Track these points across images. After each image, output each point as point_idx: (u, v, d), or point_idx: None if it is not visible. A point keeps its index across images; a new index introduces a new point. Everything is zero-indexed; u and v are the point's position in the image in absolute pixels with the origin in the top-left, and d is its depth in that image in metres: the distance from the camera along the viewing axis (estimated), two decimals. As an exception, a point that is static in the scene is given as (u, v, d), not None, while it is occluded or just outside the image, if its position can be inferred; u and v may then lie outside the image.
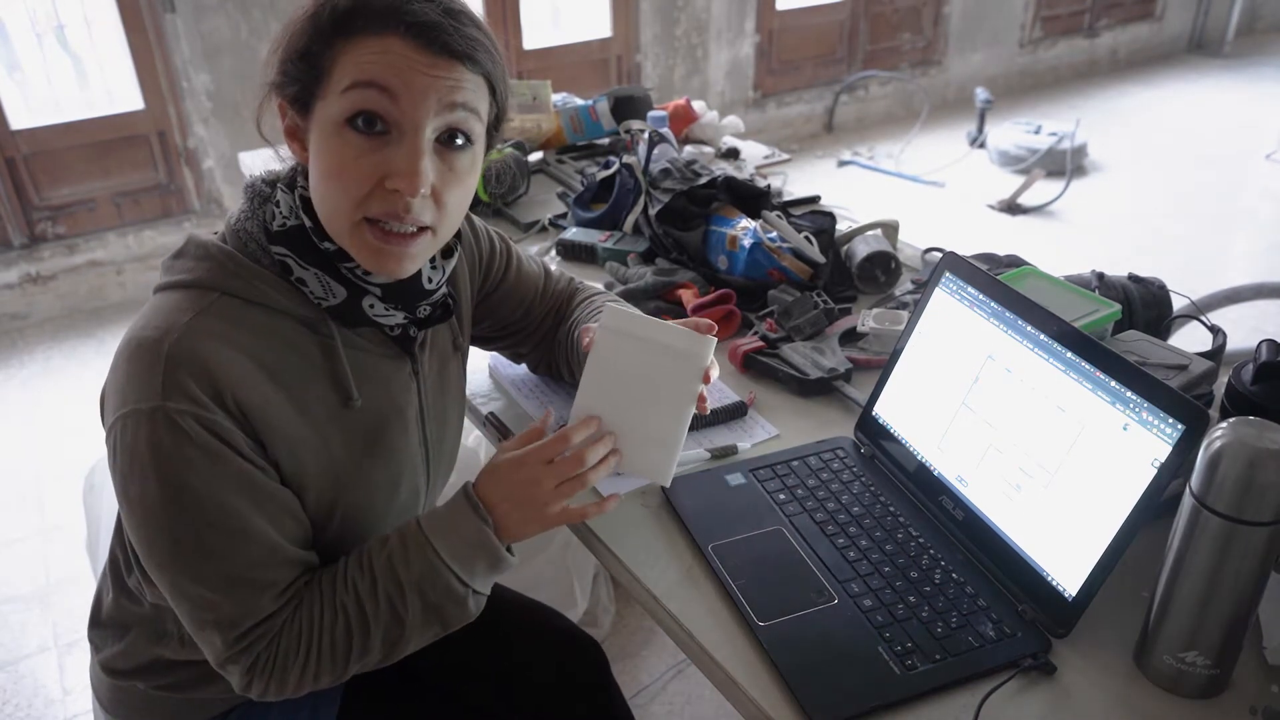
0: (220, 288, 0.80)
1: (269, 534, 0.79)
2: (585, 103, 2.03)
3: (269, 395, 0.80)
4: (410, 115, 0.76)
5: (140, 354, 0.76)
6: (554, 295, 1.15)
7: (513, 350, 1.18)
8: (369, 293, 0.85)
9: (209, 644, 0.80)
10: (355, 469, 0.88)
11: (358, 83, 0.75)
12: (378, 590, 0.82)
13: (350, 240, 0.80)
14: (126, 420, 0.75)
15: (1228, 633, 0.77)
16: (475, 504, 0.84)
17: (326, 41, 0.76)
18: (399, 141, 0.77)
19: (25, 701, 1.87)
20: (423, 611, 0.83)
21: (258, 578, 0.79)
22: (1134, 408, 0.81)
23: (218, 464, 0.76)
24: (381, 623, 0.82)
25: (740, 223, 1.44)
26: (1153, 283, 1.39)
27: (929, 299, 1.04)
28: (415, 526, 0.84)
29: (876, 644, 0.83)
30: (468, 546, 0.83)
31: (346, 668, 0.83)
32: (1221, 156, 4.62)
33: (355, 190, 0.77)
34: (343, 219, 0.79)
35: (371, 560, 0.83)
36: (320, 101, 0.78)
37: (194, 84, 3.31)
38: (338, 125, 0.76)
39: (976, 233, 3.84)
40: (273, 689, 0.82)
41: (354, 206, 0.78)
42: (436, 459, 0.99)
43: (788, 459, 1.07)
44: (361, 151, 0.76)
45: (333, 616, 0.82)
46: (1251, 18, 6.57)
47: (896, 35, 5.13)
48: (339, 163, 0.77)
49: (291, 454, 0.81)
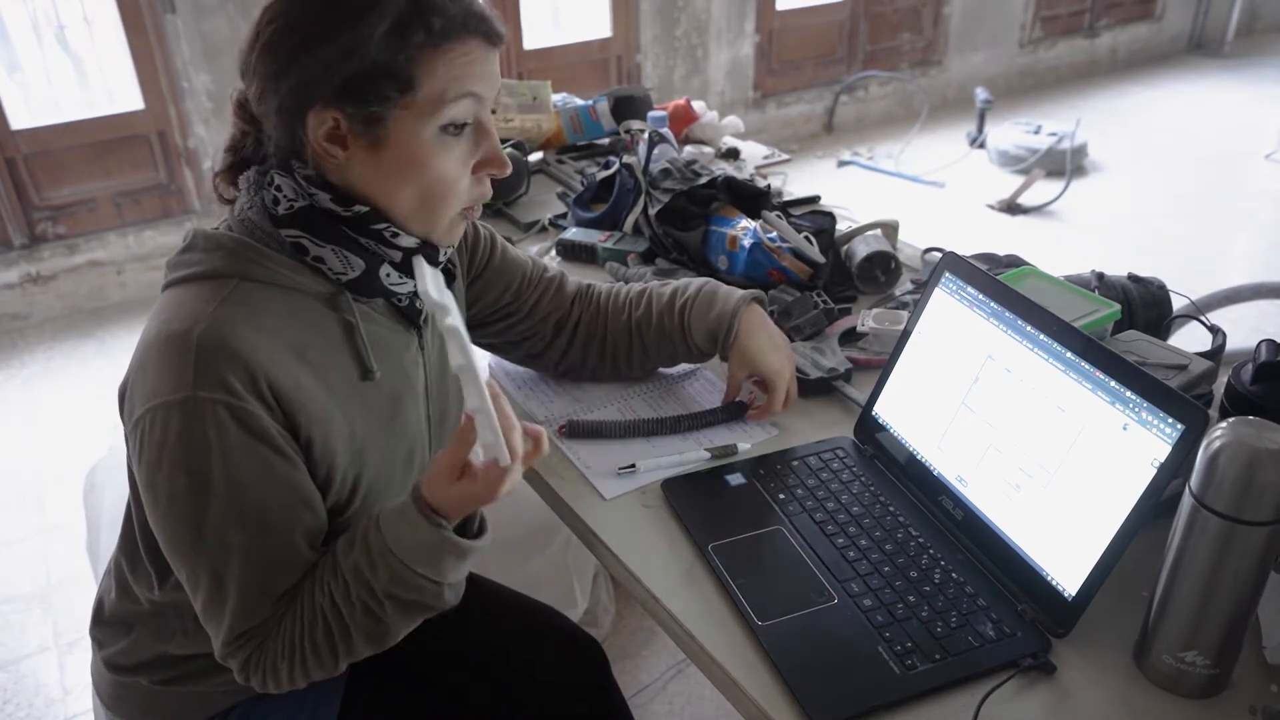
0: (238, 274, 0.81)
1: (287, 532, 0.80)
2: (585, 103, 2.03)
3: (299, 376, 0.81)
4: (488, 109, 0.85)
5: (170, 346, 0.76)
6: (545, 282, 1.17)
7: (512, 342, 1.18)
8: (386, 260, 0.87)
9: (213, 634, 0.82)
10: (376, 443, 0.89)
11: (462, 94, 0.81)
12: (351, 595, 0.81)
13: (447, 229, 0.88)
14: (156, 412, 0.76)
15: (1227, 632, 0.77)
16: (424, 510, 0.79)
17: (415, 54, 0.78)
18: (477, 132, 0.84)
19: (26, 701, 1.87)
20: (399, 610, 0.82)
21: (268, 576, 0.80)
22: (1133, 408, 0.81)
23: (246, 456, 0.77)
24: (360, 624, 0.82)
25: (740, 223, 1.44)
26: (1152, 283, 1.39)
27: (929, 299, 1.04)
28: (377, 534, 0.80)
29: (876, 644, 0.84)
30: (428, 550, 0.80)
31: (336, 664, 0.83)
32: (1221, 157, 4.62)
33: (463, 187, 0.85)
34: (448, 216, 0.86)
35: (339, 566, 0.81)
36: (403, 110, 0.79)
37: (194, 84, 3.31)
38: (436, 134, 0.81)
39: (976, 233, 3.84)
40: (270, 684, 0.83)
41: (461, 202, 0.86)
42: (439, 438, 1.00)
43: (787, 459, 1.07)
44: (458, 153, 0.84)
45: (313, 619, 0.82)
46: (1251, 18, 6.57)
47: (896, 35, 5.13)
48: (443, 169, 0.83)
49: (321, 432, 0.82)
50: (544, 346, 1.18)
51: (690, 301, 1.14)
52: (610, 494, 1.04)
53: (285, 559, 0.81)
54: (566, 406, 1.19)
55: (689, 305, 1.14)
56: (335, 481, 0.85)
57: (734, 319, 1.11)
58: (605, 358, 1.19)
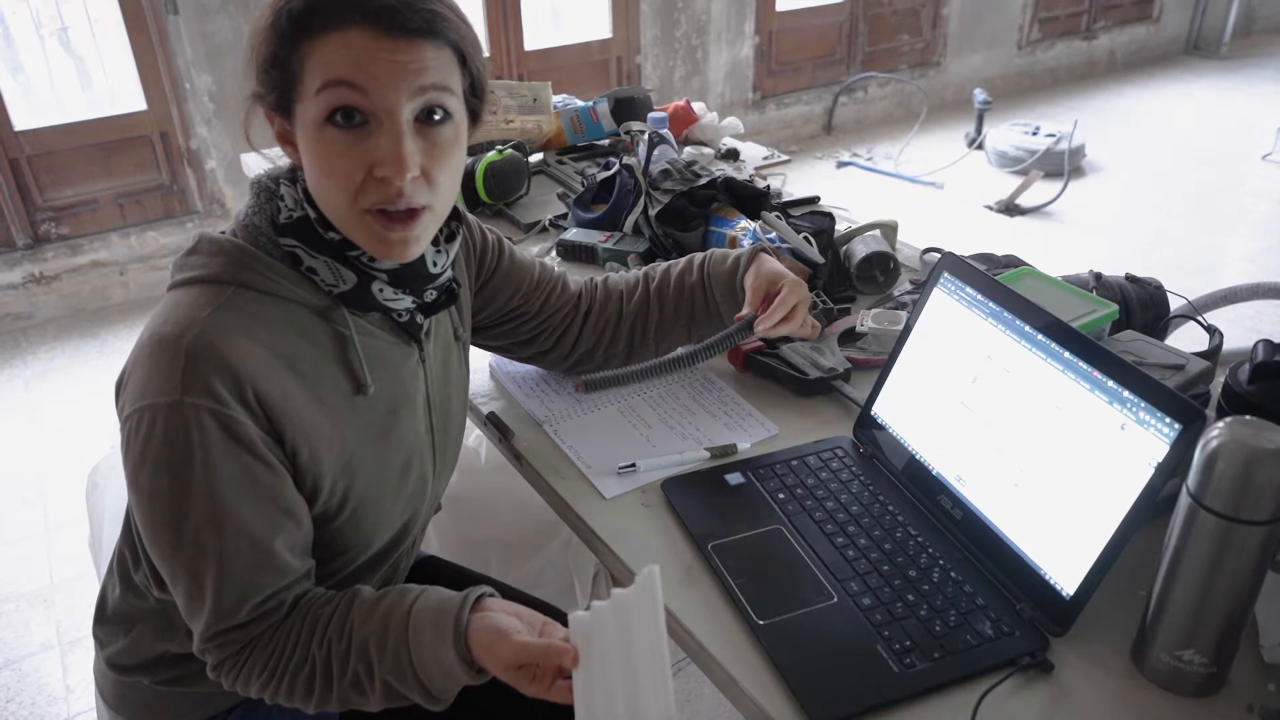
0: (235, 281, 0.82)
1: (266, 539, 0.81)
2: (585, 104, 2.03)
3: (287, 386, 0.81)
4: (383, 104, 0.77)
5: (160, 349, 0.77)
6: (551, 282, 1.17)
7: (519, 343, 1.18)
8: (377, 278, 0.87)
9: (192, 628, 0.84)
10: (368, 457, 0.89)
11: (328, 82, 0.76)
12: (349, 660, 0.82)
13: (356, 232, 0.82)
14: (143, 413, 0.77)
15: (1225, 631, 0.77)
16: (461, 637, 0.81)
17: (291, 45, 0.77)
18: (378, 130, 0.78)
19: (29, 700, 1.87)
20: (384, 697, 0.84)
21: (246, 581, 0.81)
22: (1131, 407, 0.81)
23: (227, 462, 0.77)
24: (343, 689, 0.83)
25: (740, 223, 1.45)
26: (1150, 283, 1.40)
27: (927, 299, 1.05)
28: (403, 618, 0.82)
29: (875, 642, 0.84)
30: (442, 669, 0.81)
31: (307, 704, 0.85)
32: (1219, 157, 4.62)
33: (348, 184, 0.79)
34: (344, 213, 0.81)
35: (353, 631, 0.83)
36: (298, 104, 0.79)
37: (196, 85, 3.32)
38: (318, 125, 0.78)
39: (975, 233, 3.84)
40: (239, 688, 0.85)
41: (351, 200, 0.80)
42: (442, 448, 1.01)
43: (787, 458, 1.07)
44: (346, 146, 0.78)
45: (300, 661, 0.83)
46: (1248, 19, 6.57)
47: (895, 37, 5.13)
48: (326, 161, 0.79)
49: (308, 443, 0.83)
50: (554, 342, 1.18)
51: (708, 258, 1.19)
52: (610, 494, 1.05)
53: (263, 566, 0.81)
54: (567, 405, 1.20)
55: (707, 260, 1.19)
56: (323, 491, 0.86)
57: (749, 255, 1.16)
58: (619, 339, 1.19)
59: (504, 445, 1.17)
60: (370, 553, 0.94)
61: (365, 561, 0.95)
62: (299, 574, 0.85)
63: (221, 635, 0.82)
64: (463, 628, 0.81)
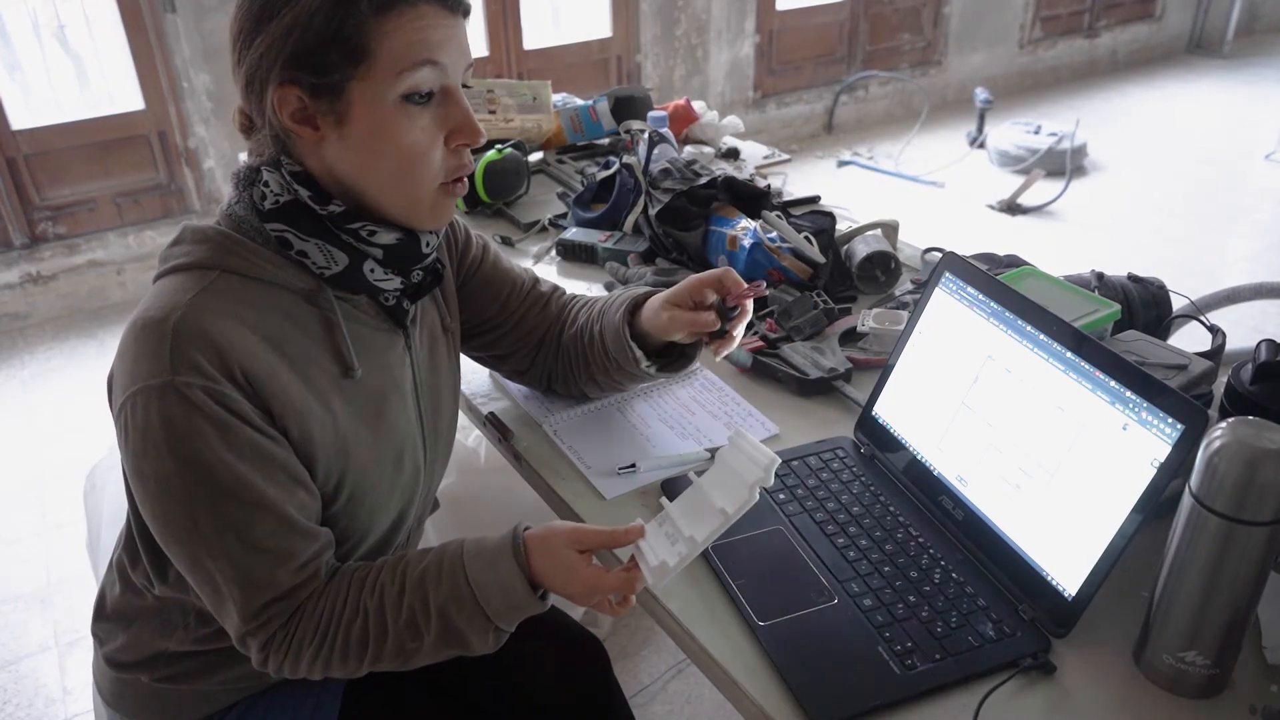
0: (219, 265, 0.82)
1: (283, 505, 0.80)
2: (585, 103, 2.03)
3: (274, 365, 0.81)
4: (454, 78, 0.83)
5: (146, 333, 0.77)
6: (535, 297, 1.14)
7: (498, 356, 1.16)
8: (369, 256, 0.87)
9: (228, 618, 0.82)
10: (360, 440, 0.89)
11: (417, 62, 0.79)
12: (403, 601, 0.83)
13: (430, 206, 0.86)
14: (136, 398, 0.76)
15: (1227, 632, 0.77)
16: (519, 549, 0.84)
17: (362, 22, 0.77)
18: (445, 102, 0.83)
19: (26, 701, 1.87)
20: (442, 633, 0.84)
21: (274, 549, 0.80)
22: (1133, 408, 0.81)
23: (229, 435, 0.77)
24: (399, 632, 0.83)
25: (740, 223, 1.44)
26: (1152, 283, 1.39)
27: (929, 299, 1.04)
28: (458, 545, 0.86)
29: (876, 644, 0.84)
30: (500, 586, 0.83)
31: (360, 665, 0.85)
32: (1221, 156, 4.62)
33: (435, 159, 0.83)
34: (427, 189, 0.85)
35: (406, 571, 0.85)
36: (360, 83, 0.79)
37: (194, 84, 3.31)
38: (397, 104, 0.80)
39: (976, 233, 3.84)
40: (287, 668, 0.84)
41: (436, 175, 0.84)
42: (433, 437, 1.00)
43: (787, 459, 1.07)
44: (426, 123, 0.82)
45: (353, 615, 0.83)
46: (1251, 18, 6.57)
47: (896, 35, 5.13)
48: (412, 140, 0.81)
49: (299, 423, 0.83)
50: (528, 364, 1.15)
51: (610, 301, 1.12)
52: (610, 494, 1.04)
53: (288, 532, 0.81)
54: (567, 407, 1.19)
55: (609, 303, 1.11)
56: (318, 474, 0.85)
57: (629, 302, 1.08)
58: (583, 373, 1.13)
59: (504, 445, 1.16)
60: (368, 542, 0.94)
61: (364, 553, 0.95)
62: (326, 539, 0.85)
63: (262, 612, 0.81)
64: (520, 539, 0.84)
